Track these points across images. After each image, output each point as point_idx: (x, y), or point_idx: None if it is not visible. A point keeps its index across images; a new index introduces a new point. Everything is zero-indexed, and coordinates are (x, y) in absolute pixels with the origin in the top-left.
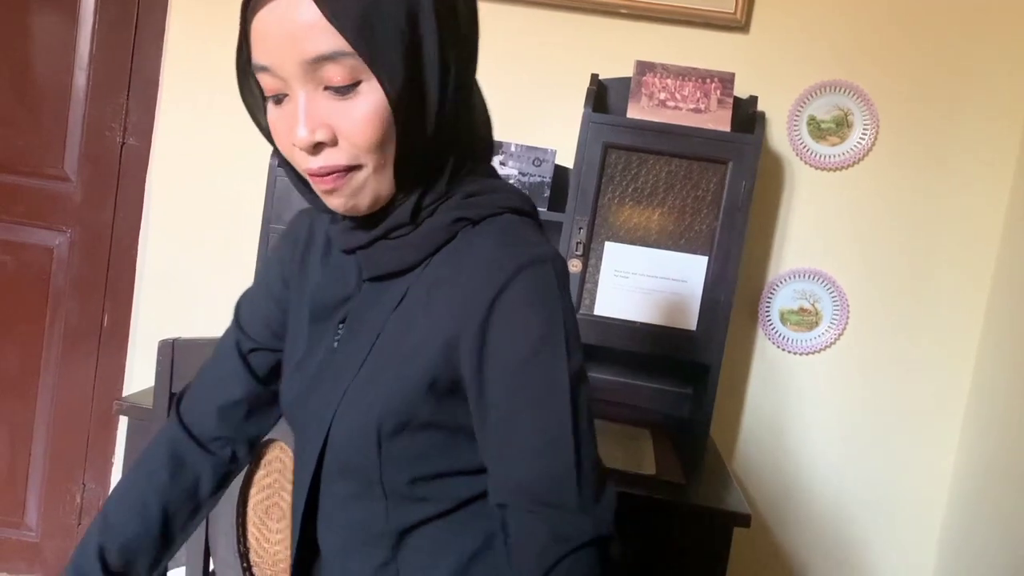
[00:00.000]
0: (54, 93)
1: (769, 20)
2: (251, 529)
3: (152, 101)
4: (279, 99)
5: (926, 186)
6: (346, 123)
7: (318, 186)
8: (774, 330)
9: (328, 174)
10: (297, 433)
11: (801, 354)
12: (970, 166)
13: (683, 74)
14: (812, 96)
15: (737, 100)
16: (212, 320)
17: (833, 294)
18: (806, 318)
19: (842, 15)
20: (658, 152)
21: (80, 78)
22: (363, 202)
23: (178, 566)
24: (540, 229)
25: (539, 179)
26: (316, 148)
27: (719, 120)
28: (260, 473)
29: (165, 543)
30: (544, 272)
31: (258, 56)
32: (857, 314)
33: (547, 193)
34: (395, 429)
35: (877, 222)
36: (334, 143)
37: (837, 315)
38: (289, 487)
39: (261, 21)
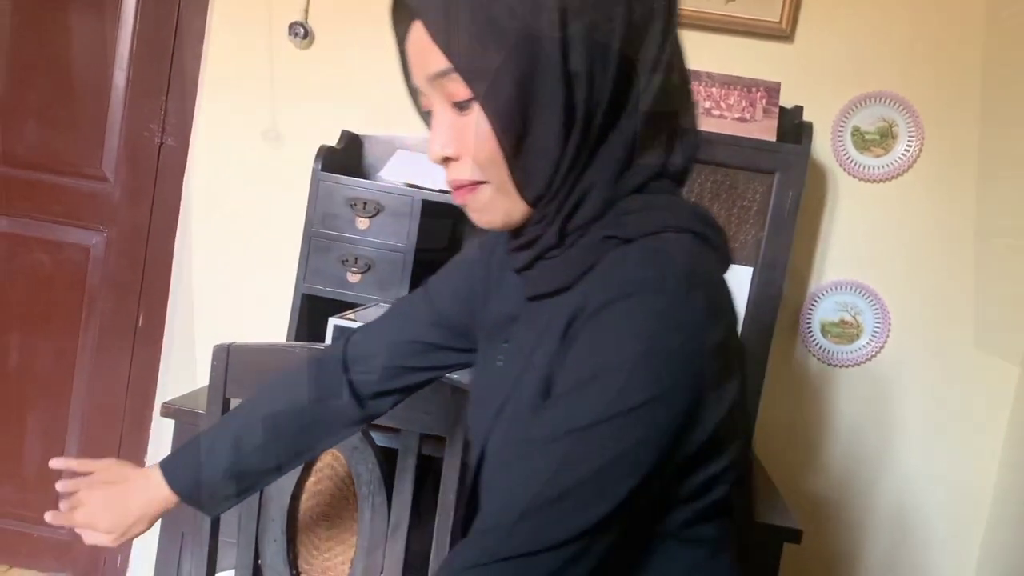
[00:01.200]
0: (93, 93)
1: (814, 30)
2: (301, 536)
3: (191, 102)
4: (427, 116)
5: (972, 199)
6: (466, 138)
7: (454, 200)
8: (815, 342)
9: (458, 188)
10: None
11: (841, 366)
12: (1018, 180)
13: (728, 83)
14: (857, 107)
15: (782, 110)
16: (247, 322)
17: (875, 306)
18: (847, 330)
19: (887, 25)
20: (704, 162)
21: (120, 78)
22: (495, 219)
23: (226, 569)
24: (715, 250)
25: None
26: (445, 162)
27: (765, 130)
28: (311, 480)
29: (266, 480)
30: (655, 300)
31: (409, 76)
32: (899, 326)
33: None
34: None
35: (921, 234)
36: (458, 158)
37: (879, 328)
38: (340, 495)
39: (406, 43)
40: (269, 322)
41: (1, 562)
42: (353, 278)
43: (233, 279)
